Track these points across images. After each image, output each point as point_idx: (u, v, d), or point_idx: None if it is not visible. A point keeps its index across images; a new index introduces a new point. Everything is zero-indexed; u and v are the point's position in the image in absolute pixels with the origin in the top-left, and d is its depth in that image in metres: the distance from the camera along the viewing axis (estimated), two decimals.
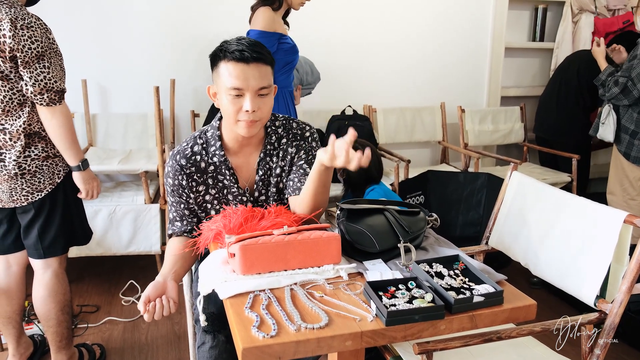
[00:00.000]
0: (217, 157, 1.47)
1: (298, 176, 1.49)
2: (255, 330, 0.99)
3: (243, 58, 1.32)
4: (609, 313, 1.33)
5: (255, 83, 1.34)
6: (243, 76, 1.33)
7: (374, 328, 1.02)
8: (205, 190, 1.49)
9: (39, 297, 1.87)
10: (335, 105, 3.37)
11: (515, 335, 1.26)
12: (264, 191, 1.53)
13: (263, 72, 1.36)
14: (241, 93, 1.34)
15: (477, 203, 2.63)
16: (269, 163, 1.51)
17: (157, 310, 1.26)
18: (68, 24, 2.95)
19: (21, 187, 1.75)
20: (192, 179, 1.46)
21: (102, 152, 2.95)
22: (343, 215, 1.36)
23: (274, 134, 1.51)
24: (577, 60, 3.33)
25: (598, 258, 1.37)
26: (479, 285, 1.13)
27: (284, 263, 1.22)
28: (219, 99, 1.41)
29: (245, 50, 1.32)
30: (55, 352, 1.94)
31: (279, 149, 1.52)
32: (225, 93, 1.35)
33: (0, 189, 1.75)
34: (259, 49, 1.36)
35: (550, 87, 3.45)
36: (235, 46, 1.34)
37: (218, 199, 1.51)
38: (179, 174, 1.45)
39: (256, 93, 1.35)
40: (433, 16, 3.54)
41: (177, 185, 1.46)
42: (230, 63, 1.33)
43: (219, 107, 1.43)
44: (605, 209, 1.40)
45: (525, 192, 1.67)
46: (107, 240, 2.70)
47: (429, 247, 1.38)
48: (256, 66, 1.34)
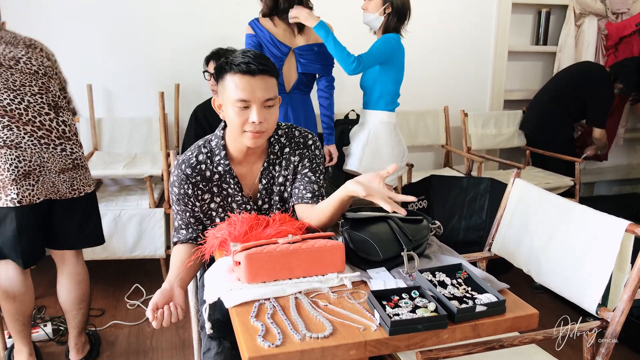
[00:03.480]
0: (222, 167, 1.48)
1: (303, 184, 1.51)
2: (260, 340, 1.00)
3: (249, 70, 1.34)
4: (611, 321, 1.34)
5: (262, 95, 1.36)
6: (249, 88, 1.35)
7: (378, 337, 1.03)
8: (210, 198, 1.51)
9: (74, 284, 2.04)
10: (338, 109, 3.38)
11: (517, 344, 1.27)
12: (267, 199, 1.55)
13: (269, 84, 1.38)
14: (248, 105, 1.37)
15: (480, 208, 2.64)
16: (272, 172, 1.53)
17: (165, 317, 1.28)
18: (74, 29, 2.97)
19: (80, 178, 1.95)
20: (197, 187, 1.48)
21: (107, 157, 2.98)
22: (347, 223, 1.37)
23: (276, 143, 1.53)
24: (578, 70, 3.42)
25: (600, 266, 1.38)
26: (481, 295, 1.14)
27: (289, 271, 1.23)
28: (224, 111, 1.43)
29: (251, 62, 1.35)
30: (78, 335, 2.12)
31: (281, 157, 1.54)
32: (231, 105, 1.37)
33: (62, 180, 1.88)
34: (264, 61, 1.38)
35: (545, 87, 3.54)
36: (241, 59, 1.36)
37: (223, 207, 1.52)
38: (185, 183, 1.47)
39: (262, 105, 1.37)
40: (436, 20, 3.55)
41: (183, 195, 1.48)
42: (236, 75, 1.35)
43: (225, 118, 1.45)
44: (607, 217, 1.41)
45: (528, 199, 1.68)
46: (112, 244, 2.72)
47: (432, 255, 1.40)
48: (262, 78, 1.36)
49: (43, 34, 2.92)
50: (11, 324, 1.99)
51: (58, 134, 1.88)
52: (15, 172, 1.77)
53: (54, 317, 2.46)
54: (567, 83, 3.37)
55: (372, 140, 2.43)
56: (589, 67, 3.47)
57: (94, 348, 2.22)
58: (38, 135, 1.82)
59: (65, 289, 2.06)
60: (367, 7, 2.37)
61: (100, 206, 2.72)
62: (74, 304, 2.07)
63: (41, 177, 1.83)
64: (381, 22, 2.34)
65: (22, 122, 1.79)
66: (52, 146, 1.86)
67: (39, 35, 2.92)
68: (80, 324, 2.11)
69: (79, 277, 2.07)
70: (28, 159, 1.79)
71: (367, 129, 2.45)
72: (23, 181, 1.79)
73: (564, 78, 3.44)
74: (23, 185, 1.79)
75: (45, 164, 1.83)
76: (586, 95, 3.27)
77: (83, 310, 2.10)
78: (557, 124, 3.37)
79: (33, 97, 1.84)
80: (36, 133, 1.82)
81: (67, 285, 2.06)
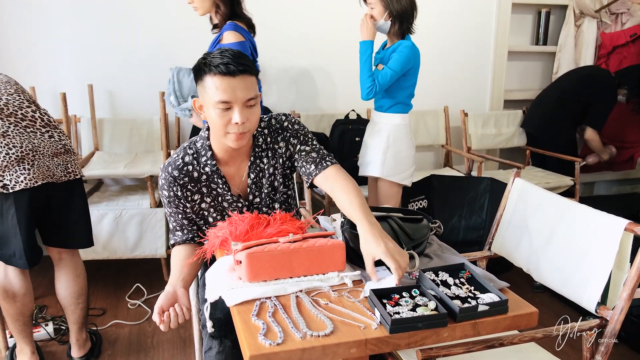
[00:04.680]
0: (208, 167, 1.48)
1: (304, 160, 1.51)
2: (261, 338, 1.01)
3: (229, 72, 1.32)
4: (610, 320, 1.35)
5: (243, 95, 1.35)
6: (230, 89, 1.33)
7: (378, 335, 1.04)
8: (201, 198, 1.51)
9: (71, 278, 2.08)
10: (338, 109, 3.39)
11: (517, 342, 1.28)
12: (257, 193, 1.55)
13: (249, 83, 1.36)
14: (229, 106, 1.35)
15: (480, 207, 2.65)
16: (260, 165, 1.53)
17: (172, 319, 1.30)
18: (74, 29, 2.98)
19: (73, 161, 1.99)
20: (186, 189, 1.48)
21: (108, 157, 2.98)
22: (347, 223, 1.38)
23: (260, 135, 1.53)
24: (585, 74, 3.44)
25: (599, 265, 1.38)
26: (483, 294, 1.14)
27: (290, 270, 1.24)
28: (205, 112, 1.41)
29: (230, 63, 1.32)
30: (78, 331, 2.14)
31: (267, 149, 1.53)
32: (212, 107, 1.36)
33: (56, 164, 1.91)
34: (243, 60, 1.36)
35: (550, 88, 3.55)
36: (220, 59, 1.33)
37: (214, 207, 1.53)
38: (173, 185, 1.47)
39: (244, 105, 1.36)
40: (436, 20, 3.56)
41: (173, 197, 1.48)
42: (216, 77, 1.33)
43: (206, 119, 1.44)
44: (607, 216, 1.42)
45: (528, 198, 1.69)
46: (113, 243, 2.73)
47: (433, 254, 1.40)
48: (242, 78, 1.34)
49: (43, 34, 2.94)
50: (12, 324, 2.00)
51: (43, 123, 1.92)
52: (7, 159, 1.78)
53: (55, 316, 2.47)
54: (573, 86, 3.38)
55: (392, 144, 2.41)
56: (595, 71, 3.49)
57: (96, 347, 2.23)
58: (23, 125, 1.86)
59: (63, 285, 2.09)
60: (373, 15, 2.37)
61: (101, 206, 2.75)
62: (73, 298, 2.09)
63: (36, 160, 1.84)
64: (389, 26, 2.34)
65: (5, 115, 1.83)
66: (39, 133, 1.89)
67: (40, 35, 2.95)
68: (80, 319, 2.13)
69: (75, 271, 2.10)
70: (18, 145, 1.81)
71: (386, 133, 2.42)
72: (17, 166, 1.80)
73: (571, 80, 3.43)
74: (17, 171, 1.80)
75: (37, 148, 1.86)
76: (590, 98, 3.29)
77: (82, 305, 2.12)
78: (560, 125, 3.39)
79: (11, 96, 1.88)
80: (20, 123, 1.85)
81: (64, 281, 2.09)
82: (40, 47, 2.97)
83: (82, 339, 2.15)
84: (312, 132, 1.60)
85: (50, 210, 1.96)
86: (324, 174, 1.46)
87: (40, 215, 1.94)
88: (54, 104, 2.96)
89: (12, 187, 1.80)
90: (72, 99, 2.95)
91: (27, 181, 1.81)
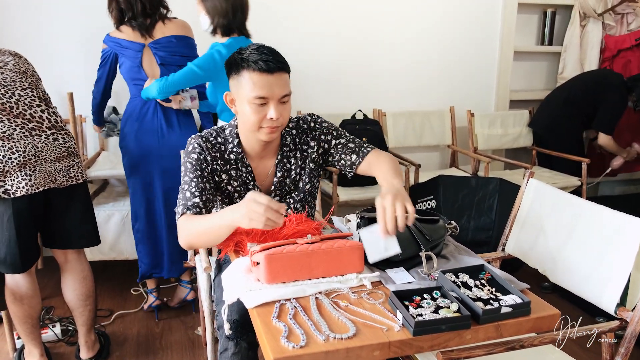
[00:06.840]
0: (234, 154, 1.49)
1: (345, 152, 1.54)
2: (284, 341, 1.00)
3: (268, 69, 1.35)
4: (630, 321, 1.34)
5: (279, 91, 1.37)
6: (268, 86, 1.36)
7: (402, 338, 1.03)
8: (228, 181, 1.51)
9: (78, 280, 2.06)
10: (346, 109, 3.38)
11: (537, 344, 1.27)
12: (278, 192, 1.55)
13: (285, 80, 1.40)
14: (265, 102, 1.37)
15: (488, 208, 2.64)
16: (287, 164, 1.54)
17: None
18: (78, 30, 2.96)
19: (76, 165, 1.96)
20: (215, 162, 1.48)
21: (114, 157, 2.96)
22: (364, 224, 1.36)
23: (288, 135, 1.54)
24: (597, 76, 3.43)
25: (618, 266, 1.37)
26: (505, 296, 1.13)
27: (308, 272, 1.23)
28: (238, 107, 1.43)
29: (269, 60, 1.35)
30: (87, 332, 2.13)
31: (295, 150, 1.55)
32: (248, 102, 1.38)
33: (58, 168, 1.88)
34: (280, 57, 1.39)
35: (561, 88, 3.53)
36: (258, 56, 1.35)
37: (239, 193, 1.53)
38: (205, 151, 1.46)
39: (279, 101, 1.38)
40: (442, 20, 3.55)
41: (202, 160, 1.45)
42: (254, 73, 1.35)
43: (237, 113, 1.45)
44: (625, 216, 1.41)
45: (543, 199, 1.67)
46: (120, 244, 2.71)
47: (449, 255, 1.39)
48: (279, 75, 1.37)
49: (47, 35, 2.92)
50: (20, 326, 1.99)
51: (49, 124, 1.90)
52: (9, 164, 1.76)
53: (62, 317, 2.45)
54: (583, 88, 3.35)
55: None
56: (607, 74, 3.47)
57: (104, 348, 2.21)
58: (29, 127, 1.83)
59: (70, 287, 2.07)
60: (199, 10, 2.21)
61: (108, 206, 2.73)
62: (80, 300, 2.08)
63: (37, 166, 1.82)
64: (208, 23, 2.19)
65: (13, 115, 1.80)
66: (44, 136, 1.87)
67: (44, 36, 2.93)
68: (88, 321, 2.12)
69: (82, 273, 2.08)
70: (22, 149, 1.78)
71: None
72: (18, 172, 1.77)
73: (582, 83, 3.40)
74: (18, 177, 1.77)
75: (40, 153, 1.83)
76: (599, 100, 3.26)
77: (90, 307, 2.11)
78: (568, 126, 3.37)
79: (24, 91, 1.86)
80: (27, 125, 1.83)
81: (71, 283, 2.07)
82: (48, 46, 2.95)
83: (90, 340, 2.14)
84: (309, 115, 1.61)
85: (49, 214, 1.94)
86: (366, 160, 1.50)
87: (39, 219, 1.91)
88: (60, 103, 2.93)
89: (13, 192, 1.77)
90: (78, 98, 2.93)
91: (29, 187, 1.78)
